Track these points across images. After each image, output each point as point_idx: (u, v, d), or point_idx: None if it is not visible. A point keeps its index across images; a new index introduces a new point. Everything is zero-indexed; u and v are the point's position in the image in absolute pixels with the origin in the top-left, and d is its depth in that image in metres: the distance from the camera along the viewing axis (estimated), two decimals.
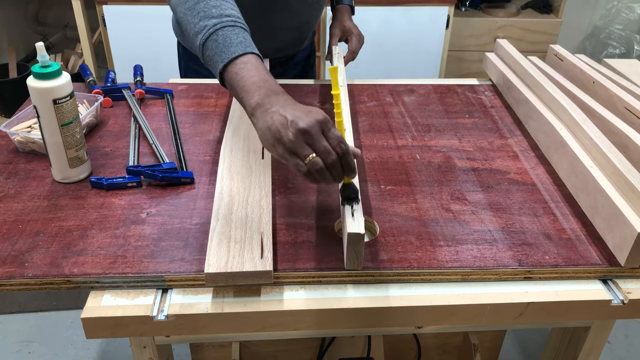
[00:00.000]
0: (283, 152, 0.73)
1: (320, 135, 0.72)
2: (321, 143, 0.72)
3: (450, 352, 1.39)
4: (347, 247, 0.75)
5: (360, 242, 0.73)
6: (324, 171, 0.72)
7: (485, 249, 0.82)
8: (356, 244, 0.74)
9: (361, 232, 0.72)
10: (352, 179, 0.79)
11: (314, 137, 0.72)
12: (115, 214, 0.87)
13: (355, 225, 0.73)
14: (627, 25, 2.75)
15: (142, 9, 2.16)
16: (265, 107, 0.76)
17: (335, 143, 0.72)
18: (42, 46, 0.86)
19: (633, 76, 1.23)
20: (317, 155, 0.72)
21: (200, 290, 0.76)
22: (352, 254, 0.75)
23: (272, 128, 0.74)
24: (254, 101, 0.78)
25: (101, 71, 2.62)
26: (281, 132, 0.73)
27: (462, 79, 1.40)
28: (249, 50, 0.83)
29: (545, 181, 0.99)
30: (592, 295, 0.78)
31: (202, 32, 0.85)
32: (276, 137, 0.73)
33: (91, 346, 1.73)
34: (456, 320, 0.78)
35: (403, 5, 2.25)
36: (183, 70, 1.46)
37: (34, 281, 0.76)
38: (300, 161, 0.72)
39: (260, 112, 0.77)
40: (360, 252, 0.75)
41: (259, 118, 0.77)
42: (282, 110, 0.74)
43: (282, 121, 0.73)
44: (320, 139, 0.72)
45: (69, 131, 0.91)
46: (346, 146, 0.73)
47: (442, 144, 1.10)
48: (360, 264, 0.76)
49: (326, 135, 0.73)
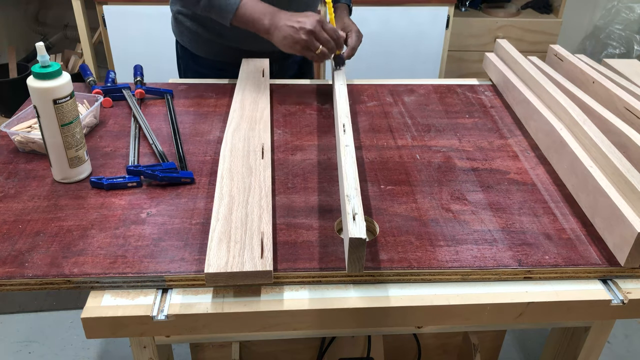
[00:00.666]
0: (300, 49, 1.11)
1: (321, 30, 1.11)
2: (323, 36, 1.11)
3: (450, 352, 1.39)
4: (348, 252, 0.73)
5: (362, 247, 0.72)
6: (326, 55, 1.13)
7: (485, 249, 0.82)
8: (358, 249, 0.72)
9: (363, 237, 0.71)
10: (341, 51, 1.21)
11: (317, 33, 1.10)
12: (115, 214, 0.87)
13: (357, 229, 0.72)
14: (627, 25, 2.75)
15: (142, 9, 2.16)
16: (275, 25, 1.12)
17: (332, 32, 1.13)
18: (42, 46, 0.86)
19: (633, 76, 1.23)
20: (322, 45, 1.11)
21: (200, 290, 0.76)
22: (354, 258, 0.73)
23: (288, 37, 1.11)
24: (266, 24, 1.13)
25: (101, 71, 2.62)
26: (295, 37, 1.10)
27: (462, 79, 1.40)
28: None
29: (545, 181, 0.99)
30: (592, 295, 0.78)
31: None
32: (293, 41, 1.10)
33: (91, 346, 1.73)
34: (456, 320, 0.78)
35: (403, 5, 2.25)
36: (182, 70, 1.46)
37: (34, 281, 0.76)
38: (312, 53, 1.12)
39: (273, 29, 1.12)
40: (362, 257, 0.73)
41: (274, 34, 1.13)
42: (289, 22, 1.10)
43: (292, 29, 1.10)
44: (321, 32, 1.11)
45: (69, 131, 0.91)
46: (338, 33, 1.14)
47: (442, 144, 1.10)
48: (362, 268, 0.74)
49: (324, 28, 1.11)
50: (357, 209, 0.76)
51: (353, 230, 0.72)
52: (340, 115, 1.01)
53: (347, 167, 0.84)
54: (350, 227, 0.73)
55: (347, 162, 0.86)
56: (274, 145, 1.08)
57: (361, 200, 0.78)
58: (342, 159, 0.88)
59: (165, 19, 1.57)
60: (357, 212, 0.75)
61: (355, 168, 0.85)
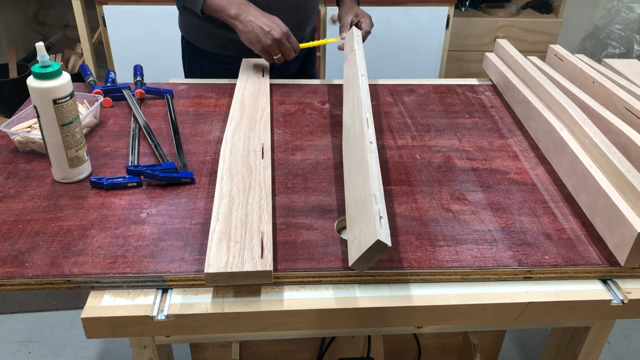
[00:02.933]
0: (260, 49, 1.19)
1: (286, 41, 1.19)
2: (286, 45, 1.19)
3: (450, 352, 1.39)
4: (364, 251, 0.70)
5: (381, 252, 0.69)
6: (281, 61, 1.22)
7: (485, 248, 0.82)
8: (376, 253, 0.70)
9: (388, 243, 0.68)
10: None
11: (283, 44, 1.19)
12: (115, 214, 0.87)
13: (384, 233, 0.69)
14: (627, 25, 2.75)
15: (142, 9, 2.16)
16: (242, 16, 1.18)
17: (295, 45, 1.21)
18: (42, 46, 0.86)
19: (633, 76, 1.23)
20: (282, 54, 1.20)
21: (200, 290, 0.76)
22: (366, 258, 0.71)
23: (252, 34, 1.18)
24: (232, 13, 1.18)
25: (101, 71, 2.62)
26: (261, 38, 1.17)
27: (462, 79, 1.40)
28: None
29: (545, 181, 0.99)
30: (592, 295, 0.78)
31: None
32: (257, 40, 1.18)
33: (91, 346, 1.73)
34: (456, 320, 0.78)
35: (403, 5, 2.25)
36: (187, 66, 1.46)
37: (34, 281, 0.76)
38: (270, 56, 1.20)
39: (239, 21, 1.18)
40: (374, 260, 0.72)
41: (239, 25, 1.19)
42: (257, 22, 1.17)
43: (260, 31, 1.17)
44: (286, 43, 1.19)
45: (69, 131, 0.91)
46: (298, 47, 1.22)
47: (442, 144, 1.10)
48: (365, 269, 0.74)
49: (289, 40, 1.19)
50: (382, 212, 0.73)
51: (380, 232, 0.69)
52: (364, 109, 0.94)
53: (373, 166, 0.81)
54: (378, 229, 0.69)
55: (372, 161, 0.82)
56: (274, 145, 1.08)
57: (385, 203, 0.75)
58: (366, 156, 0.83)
59: (165, 19, 1.58)
60: (382, 215, 0.72)
61: (379, 168, 0.81)
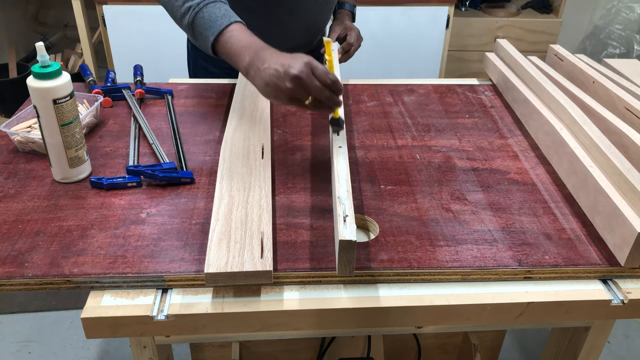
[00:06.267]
0: (286, 100, 0.86)
1: (310, 75, 0.83)
2: (313, 83, 0.83)
3: (450, 352, 1.39)
4: (338, 254, 0.73)
5: (352, 249, 0.71)
6: (322, 105, 0.86)
7: (485, 248, 0.82)
8: (348, 252, 0.72)
9: (353, 239, 0.70)
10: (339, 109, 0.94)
11: (305, 80, 0.83)
12: (115, 214, 0.87)
13: (347, 231, 0.71)
14: (627, 25, 2.75)
15: (142, 9, 2.16)
16: (256, 65, 0.88)
17: (324, 76, 0.84)
18: (42, 46, 0.86)
19: (633, 76, 1.23)
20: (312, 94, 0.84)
21: (200, 290, 0.76)
22: (345, 261, 0.73)
23: (270, 83, 0.85)
24: (246, 62, 0.90)
25: (101, 71, 2.62)
26: (279, 85, 0.84)
27: (462, 79, 1.40)
28: (233, 20, 0.95)
29: (545, 181, 0.99)
30: (592, 295, 0.78)
31: (189, 12, 0.97)
32: (277, 90, 0.85)
33: (91, 346, 1.73)
34: (456, 320, 0.78)
35: (403, 5, 2.25)
36: (192, 68, 1.45)
37: (34, 281, 0.76)
38: (302, 103, 0.85)
39: (253, 70, 0.89)
40: (352, 259, 0.73)
41: (255, 77, 0.89)
42: (272, 64, 0.85)
43: (276, 74, 0.84)
44: (311, 79, 0.83)
45: (69, 131, 0.91)
46: (333, 75, 0.85)
47: (442, 144, 1.10)
48: (352, 271, 0.74)
49: (315, 73, 0.83)
50: (348, 210, 0.75)
51: (343, 232, 0.71)
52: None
53: (341, 170, 0.84)
54: (341, 229, 0.72)
55: (340, 164, 0.85)
56: (274, 145, 1.08)
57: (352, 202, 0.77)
58: (334, 161, 0.87)
59: (165, 19, 1.57)
60: (348, 214, 0.74)
61: (347, 170, 0.84)
